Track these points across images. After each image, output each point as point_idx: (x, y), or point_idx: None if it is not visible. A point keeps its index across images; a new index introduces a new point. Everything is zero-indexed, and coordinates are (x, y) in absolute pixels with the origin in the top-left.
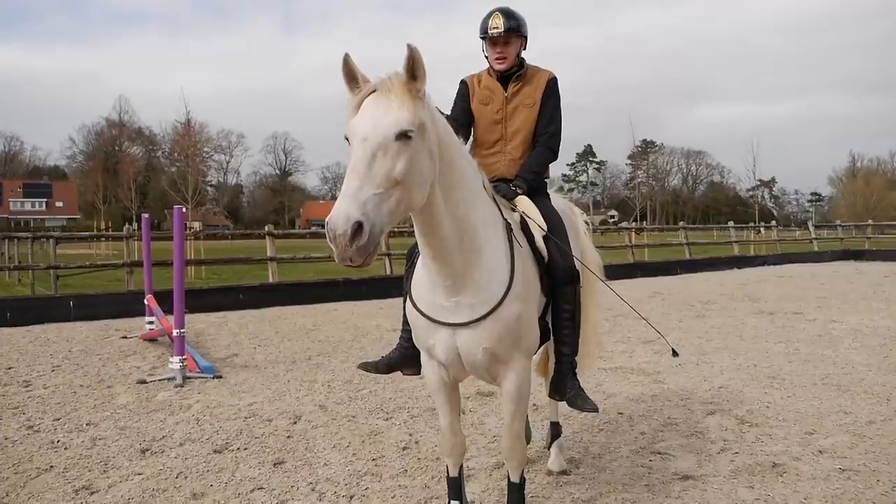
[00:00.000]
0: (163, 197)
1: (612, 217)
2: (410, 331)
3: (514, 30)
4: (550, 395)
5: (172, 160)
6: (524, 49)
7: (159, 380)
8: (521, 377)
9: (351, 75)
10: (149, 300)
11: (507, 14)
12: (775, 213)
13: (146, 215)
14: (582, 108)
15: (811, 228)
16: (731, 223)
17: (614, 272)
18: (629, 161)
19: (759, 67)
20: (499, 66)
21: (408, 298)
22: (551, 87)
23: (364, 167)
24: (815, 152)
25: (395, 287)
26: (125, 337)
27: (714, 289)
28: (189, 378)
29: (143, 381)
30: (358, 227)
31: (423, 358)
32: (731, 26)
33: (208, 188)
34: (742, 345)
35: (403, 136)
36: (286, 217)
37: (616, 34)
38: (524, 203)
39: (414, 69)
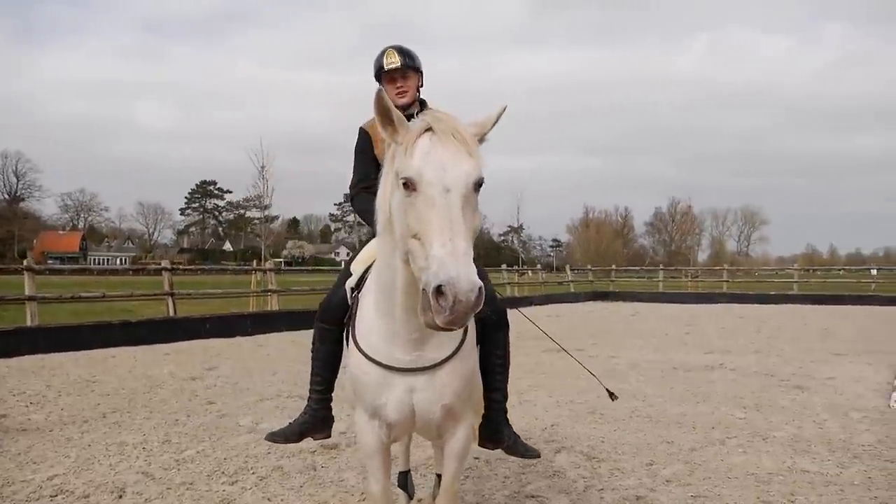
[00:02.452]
0: None
1: None
2: (322, 391)
3: (411, 66)
4: (482, 444)
5: None
6: (422, 85)
7: None
8: (468, 434)
9: (386, 112)
10: None
11: (401, 50)
12: (523, 256)
13: None
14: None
15: (568, 272)
16: (504, 266)
17: None
18: None
19: (506, 125)
20: (401, 101)
21: (354, 351)
22: None
23: (461, 222)
24: (557, 202)
25: (181, 329)
26: None
27: None
28: None
29: None
30: (479, 292)
31: (362, 418)
32: (490, 82)
33: None
34: (550, 382)
35: (479, 185)
36: (15, 248)
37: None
38: None
39: (493, 126)
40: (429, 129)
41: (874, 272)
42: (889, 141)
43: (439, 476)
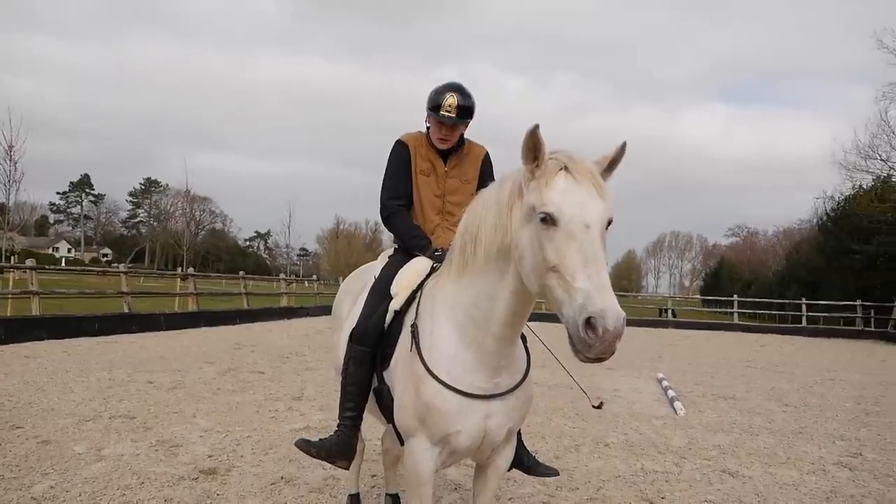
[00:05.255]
0: None
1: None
2: (355, 417)
3: (466, 118)
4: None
5: None
6: (466, 128)
7: None
8: (513, 451)
9: (536, 148)
10: None
11: (465, 95)
12: (269, 263)
13: None
14: (76, 133)
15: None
16: (282, 275)
17: (178, 321)
18: (131, 198)
19: (263, 127)
20: (441, 146)
21: (426, 380)
22: (487, 163)
23: (601, 256)
24: (308, 212)
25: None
26: None
27: (298, 340)
28: None
29: None
30: (624, 322)
31: (422, 446)
32: (241, 82)
33: None
34: None
35: (609, 223)
36: None
37: (124, 60)
38: None
39: (616, 164)
40: (564, 168)
41: None
42: None
43: (391, 496)
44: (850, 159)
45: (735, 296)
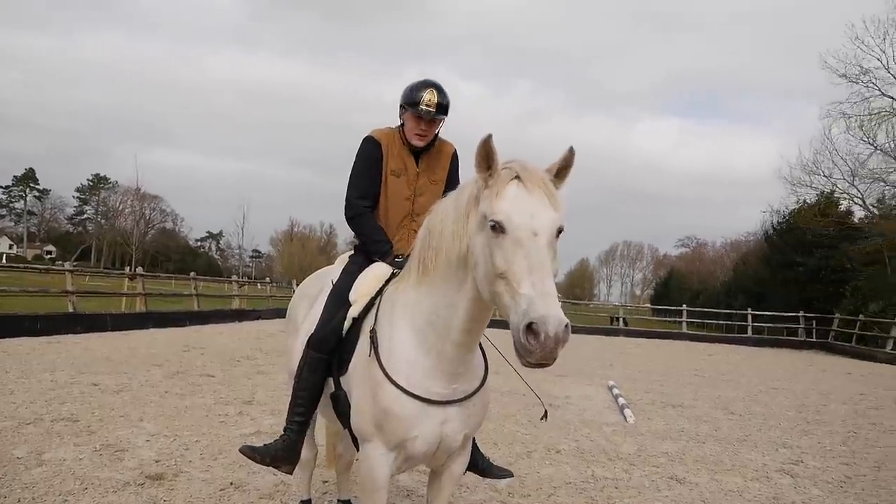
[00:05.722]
0: None
1: (50, 254)
2: (304, 422)
3: (443, 114)
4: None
5: None
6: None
7: None
8: (468, 457)
9: (489, 157)
10: None
11: (442, 92)
12: (221, 264)
13: None
14: (22, 125)
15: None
16: (234, 276)
17: (125, 322)
18: (78, 194)
19: (216, 125)
20: (417, 143)
21: (384, 385)
22: (455, 162)
23: (547, 264)
24: (261, 212)
25: None
26: None
27: (250, 343)
28: None
29: None
30: (567, 329)
31: (378, 451)
32: (193, 79)
33: None
34: None
35: (560, 232)
36: None
37: (75, 52)
38: None
39: (566, 171)
40: (516, 177)
41: None
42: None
43: (343, 502)
44: (794, 175)
45: (684, 305)
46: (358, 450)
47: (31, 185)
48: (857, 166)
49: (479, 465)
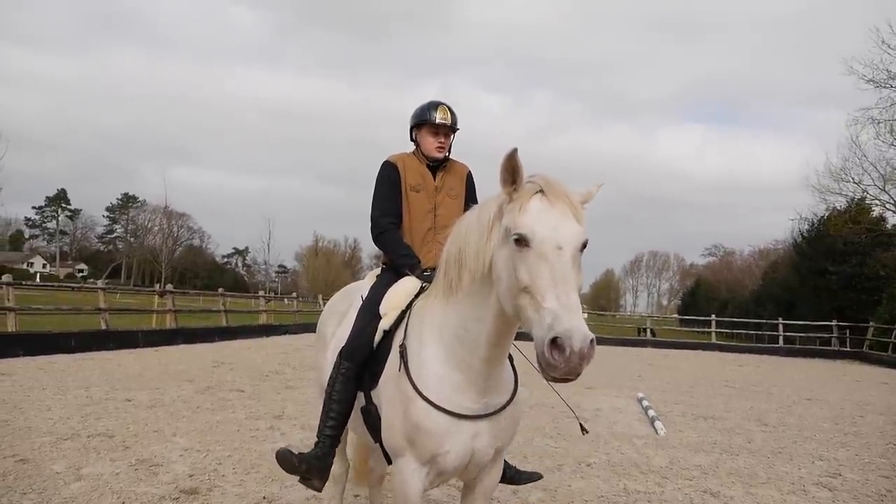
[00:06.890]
0: None
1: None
2: (337, 435)
3: (455, 127)
4: None
5: None
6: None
7: None
8: (500, 470)
9: (515, 171)
10: None
11: (452, 110)
12: (247, 279)
13: None
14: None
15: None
16: (261, 292)
17: (155, 338)
18: (108, 213)
19: (240, 142)
20: (437, 154)
21: (415, 400)
22: (471, 180)
23: (571, 278)
24: (285, 228)
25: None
26: None
27: (277, 358)
28: None
29: None
30: (592, 344)
31: (410, 466)
32: (217, 97)
33: None
34: None
35: (584, 246)
36: None
37: (101, 73)
38: None
39: (587, 202)
40: (540, 191)
41: None
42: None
43: None
44: (822, 182)
45: (713, 315)
46: (389, 464)
47: (63, 205)
48: (888, 172)
49: (507, 474)
